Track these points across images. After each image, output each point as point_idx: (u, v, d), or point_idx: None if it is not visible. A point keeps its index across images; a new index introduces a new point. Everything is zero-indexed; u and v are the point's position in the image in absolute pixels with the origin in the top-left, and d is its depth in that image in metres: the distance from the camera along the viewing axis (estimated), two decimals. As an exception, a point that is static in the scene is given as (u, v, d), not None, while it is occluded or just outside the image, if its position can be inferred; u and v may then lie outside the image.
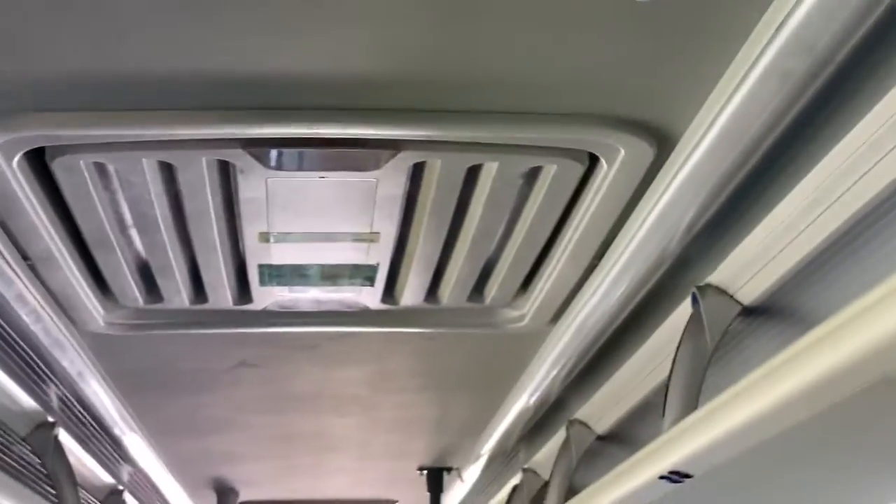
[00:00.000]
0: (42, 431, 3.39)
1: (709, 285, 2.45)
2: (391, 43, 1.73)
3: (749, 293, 2.39)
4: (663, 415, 2.50)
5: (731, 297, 2.44)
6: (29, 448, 3.34)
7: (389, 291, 2.80)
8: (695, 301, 2.47)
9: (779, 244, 2.17)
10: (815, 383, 1.70)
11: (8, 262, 2.37)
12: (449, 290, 2.72)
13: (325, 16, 1.65)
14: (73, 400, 3.43)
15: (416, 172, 2.18)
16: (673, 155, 2.07)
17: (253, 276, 2.64)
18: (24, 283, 2.48)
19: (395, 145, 2.05)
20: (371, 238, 2.45)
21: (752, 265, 2.30)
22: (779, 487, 2.46)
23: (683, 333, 2.50)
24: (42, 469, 3.38)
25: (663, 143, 2.04)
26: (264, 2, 1.61)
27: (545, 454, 4.14)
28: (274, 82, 1.84)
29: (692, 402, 2.44)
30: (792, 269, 2.20)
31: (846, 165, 1.87)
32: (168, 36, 1.69)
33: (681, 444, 2.20)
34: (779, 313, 2.28)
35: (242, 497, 5.61)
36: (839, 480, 2.41)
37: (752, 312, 2.40)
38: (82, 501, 3.64)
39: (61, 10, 1.60)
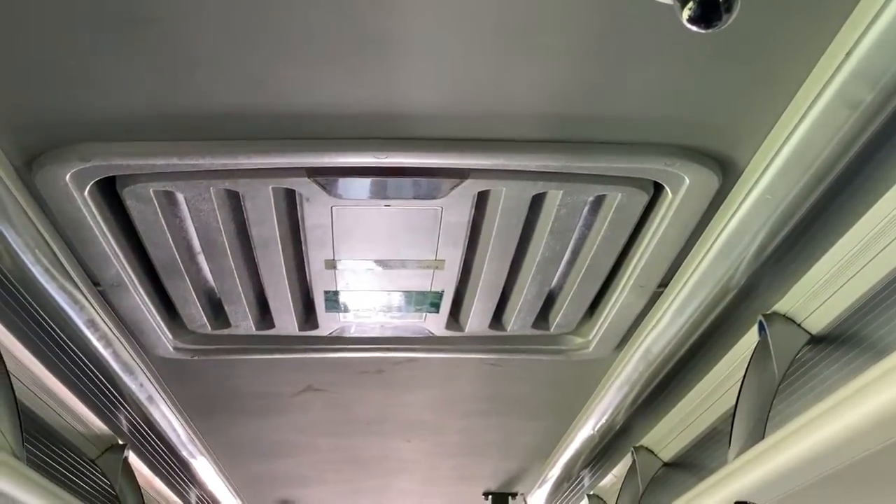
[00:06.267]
0: (112, 454, 3.45)
1: (776, 314, 2.43)
2: (457, 75, 1.74)
3: (817, 322, 2.37)
4: (730, 444, 2.48)
5: (799, 325, 2.41)
6: (99, 470, 3.38)
7: (454, 318, 2.81)
8: (762, 329, 2.45)
9: (847, 273, 2.15)
10: (884, 414, 1.68)
11: (80, 289, 2.41)
12: (514, 317, 2.72)
13: (389, 50, 1.67)
14: (142, 423, 3.47)
15: (481, 200, 2.19)
16: (739, 184, 2.06)
17: (319, 302, 2.66)
18: (95, 309, 2.53)
19: (460, 174, 2.06)
20: (436, 265, 2.46)
21: (819, 294, 2.28)
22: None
23: (750, 362, 2.48)
24: (111, 491, 3.42)
25: (729, 171, 2.03)
26: (328, 39, 1.64)
27: (611, 480, 4.12)
28: (338, 113, 1.85)
29: (759, 432, 2.41)
30: (860, 298, 2.17)
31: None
32: (236, 69, 1.72)
33: (747, 475, 2.18)
34: (847, 342, 2.24)
35: (308, 519, 5.66)
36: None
37: (820, 341, 2.37)
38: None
39: (134, 44, 1.63)
